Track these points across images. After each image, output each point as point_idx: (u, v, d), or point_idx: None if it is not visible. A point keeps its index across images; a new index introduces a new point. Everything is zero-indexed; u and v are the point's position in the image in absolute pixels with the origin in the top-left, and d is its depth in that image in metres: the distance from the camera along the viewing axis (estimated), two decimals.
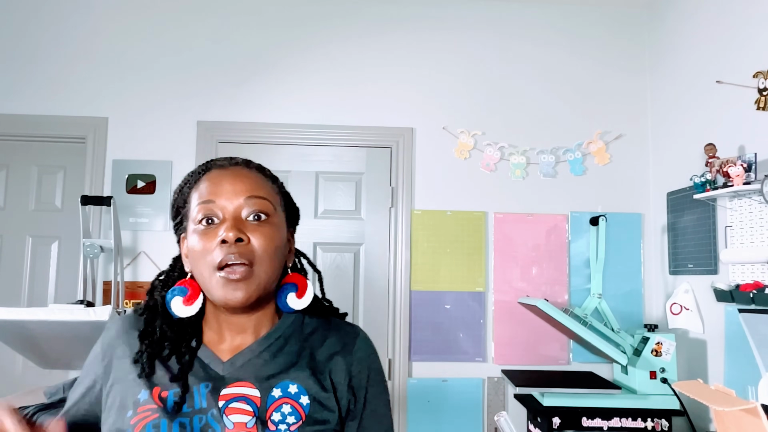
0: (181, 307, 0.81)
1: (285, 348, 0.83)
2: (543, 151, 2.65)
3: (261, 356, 0.81)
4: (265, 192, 0.83)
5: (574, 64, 2.73)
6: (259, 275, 0.78)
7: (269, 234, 0.80)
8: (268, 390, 0.77)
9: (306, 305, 0.86)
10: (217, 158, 0.88)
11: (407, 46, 2.70)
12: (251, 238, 0.78)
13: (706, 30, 2.30)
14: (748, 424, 0.78)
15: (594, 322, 2.35)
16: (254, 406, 0.76)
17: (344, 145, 2.66)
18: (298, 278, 0.88)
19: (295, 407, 0.76)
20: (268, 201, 0.82)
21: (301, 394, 0.78)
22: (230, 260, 0.75)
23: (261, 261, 0.78)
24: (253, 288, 0.77)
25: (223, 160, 0.87)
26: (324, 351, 0.84)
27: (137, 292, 2.50)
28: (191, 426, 0.73)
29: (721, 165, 1.99)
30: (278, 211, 0.84)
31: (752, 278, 1.94)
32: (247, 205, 0.79)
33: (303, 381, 0.79)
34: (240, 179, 0.81)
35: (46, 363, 1.92)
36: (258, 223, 0.79)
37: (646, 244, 2.64)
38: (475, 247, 2.59)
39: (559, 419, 2.07)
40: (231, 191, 0.80)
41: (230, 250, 0.75)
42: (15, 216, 2.60)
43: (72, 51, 2.61)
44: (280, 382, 0.78)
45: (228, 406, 0.75)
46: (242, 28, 2.67)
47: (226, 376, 0.79)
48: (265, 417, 0.75)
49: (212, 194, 0.80)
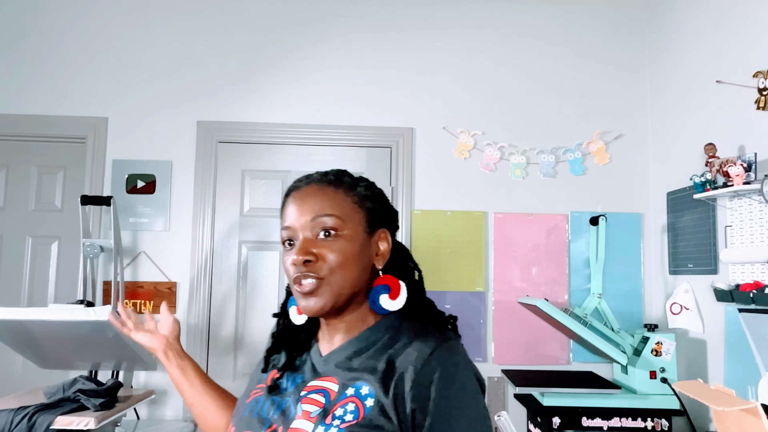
0: (296, 315, 0.95)
1: (371, 350, 0.87)
2: (543, 151, 2.65)
3: (348, 356, 0.87)
4: (333, 206, 0.88)
5: (574, 64, 2.73)
6: (331, 286, 0.85)
7: (338, 248, 0.86)
8: (344, 387, 0.83)
9: (400, 306, 0.90)
10: (300, 178, 0.94)
11: (407, 46, 2.70)
12: (321, 254, 0.85)
13: (706, 30, 2.30)
14: (748, 424, 0.78)
15: (594, 322, 2.35)
16: (327, 399, 0.82)
17: (344, 145, 2.66)
18: (391, 280, 0.91)
19: (358, 407, 0.80)
20: (336, 216, 0.87)
21: (369, 397, 0.81)
22: (300, 276, 0.85)
23: (332, 273, 0.85)
24: (326, 297, 0.85)
25: (300, 181, 0.92)
26: (402, 358, 0.84)
27: (137, 292, 2.50)
28: (278, 404, 0.86)
29: (721, 165, 1.99)
30: (350, 221, 0.88)
31: (752, 278, 1.94)
32: (315, 225, 0.86)
33: (374, 385, 0.82)
34: (309, 200, 0.88)
35: (46, 363, 1.92)
36: (327, 240, 0.86)
37: (646, 244, 2.64)
38: (475, 247, 2.59)
39: (559, 419, 2.07)
40: (301, 214, 0.87)
41: (300, 270, 0.85)
42: (15, 216, 2.60)
43: (72, 51, 2.61)
44: (356, 383, 0.83)
45: (307, 396, 0.84)
46: (242, 28, 2.67)
47: (320, 370, 0.88)
48: (330, 410, 0.80)
49: (288, 220, 0.89)
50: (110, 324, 1.64)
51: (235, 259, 2.59)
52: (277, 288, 2.59)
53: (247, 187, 2.63)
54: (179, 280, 2.53)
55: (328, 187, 0.89)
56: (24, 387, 2.03)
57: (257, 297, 2.58)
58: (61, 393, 1.81)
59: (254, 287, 2.58)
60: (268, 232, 2.61)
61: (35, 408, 1.69)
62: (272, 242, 2.61)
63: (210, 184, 2.58)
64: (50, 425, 1.64)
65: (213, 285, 2.56)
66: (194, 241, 2.54)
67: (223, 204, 2.61)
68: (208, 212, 2.56)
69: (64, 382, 1.86)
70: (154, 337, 1.13)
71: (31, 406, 1.70)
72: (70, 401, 1.77)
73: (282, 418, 0.83)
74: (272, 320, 1.08)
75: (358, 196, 0.90)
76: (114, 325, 1.15)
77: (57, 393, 1.82)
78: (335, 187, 0.90)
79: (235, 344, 2.54)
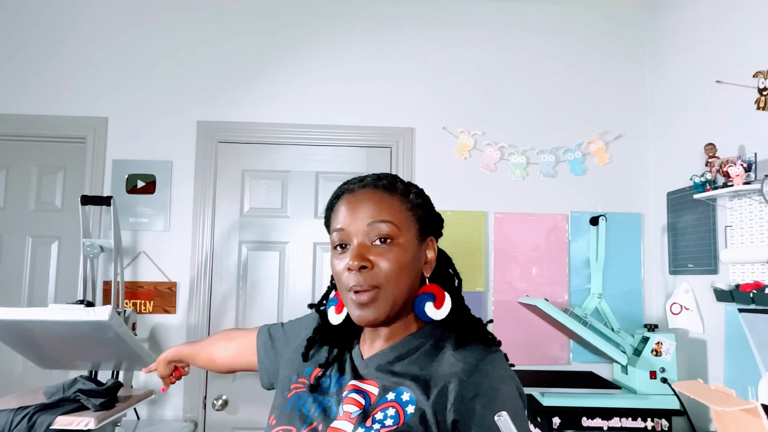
0: (334, 315, 0.95)
1: (413, 357, 0.87)
2: (543, 151, 2.66)
3: (389, 361, 0.88)
4: (390, 213, 0.87)
5: (574, 64, 2.73)
6: (387, 296, 0.85)
7: (394, 256, 0.85)
8: (385, 392, 0.83)
9: (444, 316, 0.90)
10: (351, 180, 0.93)
11: (407, 45, 2.70)
12: (376, 262, 0.84)
13: (706, 30, 2.30)
14: (748, 424, 0.78)
15: (594, 322, 2.36)
16: (368, 400, 0.83)
17: (344, 145, 2.66)
18: (436, 289, 0.91)
19: (398, 412, 0.80)
20: (392, 223, 0.86)
21: (410, 403, 0.81)
22: (358, 287, 0.84)
23: (388, 282, 0.84)
24: (383, 308, 0.85)
25: (354, 183, 0.92)
26: (446, 368, 0.84)
27: (137, 292, 2.50)
28: (320, 404, 0.87)
29: (721, 165, 1.99)
30: (405, 229, 0.87)
31: (752, 278, 1.94)
32: (371, 230, 0.85)
33: (416, 392, 0.82)
34: (365, 204, 0.87)
35: (46, 363, 1.92)
36: (383, 247, 0.85)
37: (646, 244, 2.64)
38: (475, 247, 2.59)
39: (559, 419, 2.07)
40: (357, 218, 0.86)
41: (356, 277, 0.84)
42: (15, 216, 2.60)
43: (72, 51, 2.61)
44: (397, 388, 0.83)
45: (348, 396, 0.84)
46: (242, 28, 2.67)
47: (362, 373, 0.89)
48: (370, 413, 0.81)
49: (342, 222, 0.87)
50: (110, 324, 1.64)
51: (235, 259, 2.59)
52: (277, 288, 2.59)
53: (247, 187, 2.63)
54: (179, 280, 2.53)
55: (384, 193, 0.89)
56: (24, 387, 2.03)
57: (257, 297, 2.58)
58: (61, 393, 1.81)
59: (254, 287, 2.58)
60: (268, 232, 2.61)
61: (35, 408, 1.69)
62: (272, 242, 2.61)
63: (210, 184, 2.58)
64: (50, 425, 1.64)
65: (213, 285, 2.56)
66: (194, 241, 2.54)
67: (223, 204, 2.61)
68: (208, 212, 2.56)
69: (64, 382, 1.86)
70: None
71: (31, 406, 1.70)
72: (70, 401, 1.77)
73: (323, 416, 0.84)
74: (272, 320, 1.10)
75: (411, 204, 0.90)
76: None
77: (57, 393, 1.82)
78: (390, 193, 0.89)
79: None
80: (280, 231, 2.62)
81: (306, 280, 2.60)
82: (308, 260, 2.61)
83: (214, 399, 2.48)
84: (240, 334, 1.23)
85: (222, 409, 2.48)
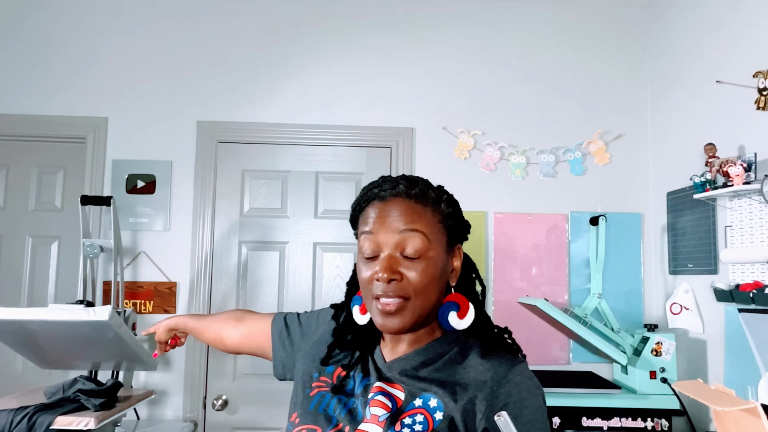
0: (359, 315, 0.94)
1: (438, 363, 0.87)
2: (543, 151, 2.65)
3: (414, 366, 0.87)
4: (421, 223, 0.86)
5: (574, 64, 2.73)
6: (415, 308, 0.84)
7: (424, 269, 0.84)
8: (412, 397, 0.83)
9: (467, 326, 0.89)
10: (381, 183, 0.90)
11: (407, 46, 2.70)
12: (406, 274, 0.83)
13: (706, 30, 2.30)
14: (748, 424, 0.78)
15: (594, 322, 2.36)
16: (394, 404, 0.82)
17: (344, 145, 2.66)
18: (460, 298, 0.91)
19: (427, 419, 0.80)
20: (423, 234, 0.85)
21: (438, 410, 0.81)
22: (385, 298, 0.83)
23: (416, 295, 0.84)
24: (408, 318, 0.84)
25: (386, 190, 0.89)
26: (474, 375, 0.84)
27: (137, 292, 2.50)
28: (345, 405, 0.86)
29: (721, 165, 1.99)
30: (435, 242, 0.86)
31: (752, 278, 1.94)
32: (402, 242, 0.84)
33: (443, 398, 0.82)
34: (396, 214, 0.85)
35: (46, 363, 1.92)
36: (413, 261, 0.84)
37: (646, 244, 2.64)
38: (475, 247, 2.59)
39: (559, 419, 2.07)
40: (387, 228, 0.85)
41: (385, 288, 0.83)
42: (15, 216, 2.60)
43: (72, 51, 2.61)
44: (424, 394, 0.83)
45: (374, 398, 0.83)
46: (242, 28, 2.67)
47: (386, 375, 0.88)
48: (399, 417, 0.80)
49: (372, 227, 0.86)
50: (110, 324, 1.64)
51: (235, 259, 2.59)
52: (277, 288, 2.59)
53: (247, 187, 2.63)
54: (179, 280, 2.53)
55: (417, 204, 0.87)
56: (24, 387, 2.03)
57: (257, 297, 2.58)
58: (61, 393, 1.81)
59: (254, 287, 2.58)
60: (268, 232, 2.61)
61: (35, 408, 1.69)
62: (272, 242, 2.61)
63: (210, 184, 2.58)
64: (50, 425, 1.64)
65: (213, 285, 2.56)
66: (194, 241, 2.54)
67: (223, 204, 2.61)
68: (208, 212, 2.56)
69: (64, 382, 1.86)
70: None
71: (31, 406, 1.70)
72: (70, 401, 1.77)
73: (349, 418, 0.84)
74: None
75: (442, 215, 0.90)
76: None
77: (57, 393, 1.82)
78: (423, 204, 0.88)
79: None
80: (280, 231, 2.62)
81: (306, 280, 2.60)
82: (308, 260, 2.61)
83: (214, 399, 2.48)
84: (252, 316, 1.21)
85: (222, 409, 2.48)
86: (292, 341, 1.11)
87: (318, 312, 1.12)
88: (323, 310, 1.11)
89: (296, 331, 1.11)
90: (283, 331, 1.13)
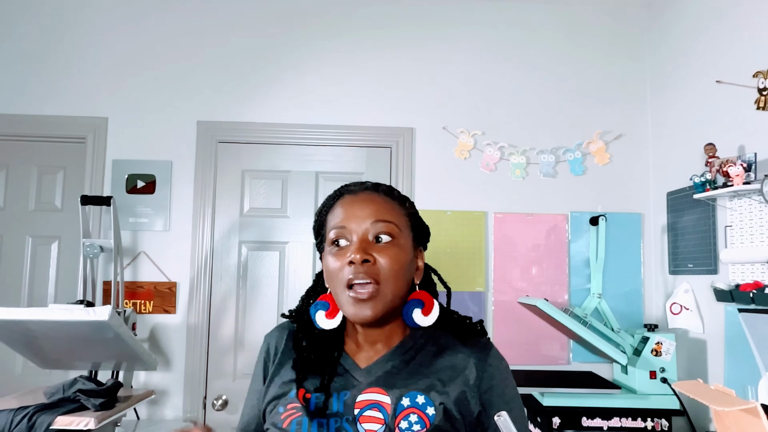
0: (324, 320, 0.90)
1: (416, 358, 0.89)
2: (543, 151, 2.65)
3: (393, 366, 0.88)
4: (391, 215, 0.90)
5: (574, 64, 2.73)
6: (386, 294, 0.85)
7: (394, 254, 0.86)
8: (398, 399, 0.83)
9: (431, 323, 0.91)
10: (350, 184, 0.96)
11: (407, 45, 2.70)
12: (377, 258, 0.85)
13: (706, 30, 2.30)
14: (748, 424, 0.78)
15: (594, 322, 2.36)
16: (385, 413, 0.82)
17: (344, 145, 2.66)
18: (425, 295, 0.93)
19: (421, 417, 0.81)
20: (394, 224, 0.89)
21: (427, 405, 0.82)
22: (358, 279, 0.83)
23: (387, 280, 0.85)
24: (380, 306, 0.84)
25: (355, 186, 0.94)
26: (456, 362, 0.88)
27: (137, 292, 2.50)
28: (328, 427, 0.81)
29: (721, 165, 1.99)
30: (404, 232, 0.91)
31: (752, 278, 1.94)
32: (374, 228, 0.87)
33: (430, 392, 0.83)
34: (368, 204, 0.89)
35: (46, 363, 1.92)
36: (384, 245, 0.86)
37: (646, 244, 2.64)
38: (475, 247, 2.59)
39: (559, 419, 2.07)
40: (359, 216, 0.88)
41: (358, 269, 0.83)
42: (15, 216, 2.60)
43: (72, 51, 2.61)
44: (409, 392, 0.83)
45: (362, 414, 0.82)
46: (242, 27, 2.67)
47: (363, 382, 0.86)
48: (394, 424, 0.80)
49: (343, 219, 0.88)
50: (110, 324, 1.64)
51: (235, 259, 2.59)
52: (277, 288, 2.59)
53: (247, 187, 2.63)
54: (179, 280, 2.53)
55: (385, 197, 0.93)
56: (24, 387, 2.03)
57: (257, 297, 2.58)
58: (61, 393, 1.81)
59: (254, 287, 2.58)
60: (268, 232, 2.61)
61: (35, 408, 1.69)
62: (272, 242, 2.61)
63: (210, 184, 2.58)
64: (50, 425, 1.64)
65: (213, 285, 2.56)
66: (194, 241, 2.54)
67: (223, 204, 2.61)
68: (208, 212, 2.56)
69: (64, 382, 1.86)
70: None
71: (31, 406, 1.70)
72: (70, 401, 1.77)
73: None
74: (272, 320, 1.07)
75: (407, 211, 0.95)
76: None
77: (57, 393, 1.82)
78: (390, 198, 0.93)
79: (235, 344, 2.54)
80: (280, 231, 2.62)
81: (306, 280, 2.60)
82: (308, 260, 2.61)
83: (214, 399, 2.48)
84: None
85: (222, 409, 2.48)
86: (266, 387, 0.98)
87: (260, 353, 1.00)
88: (264, 339, 1.01)
89: (260, 381, 0.98)
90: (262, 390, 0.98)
